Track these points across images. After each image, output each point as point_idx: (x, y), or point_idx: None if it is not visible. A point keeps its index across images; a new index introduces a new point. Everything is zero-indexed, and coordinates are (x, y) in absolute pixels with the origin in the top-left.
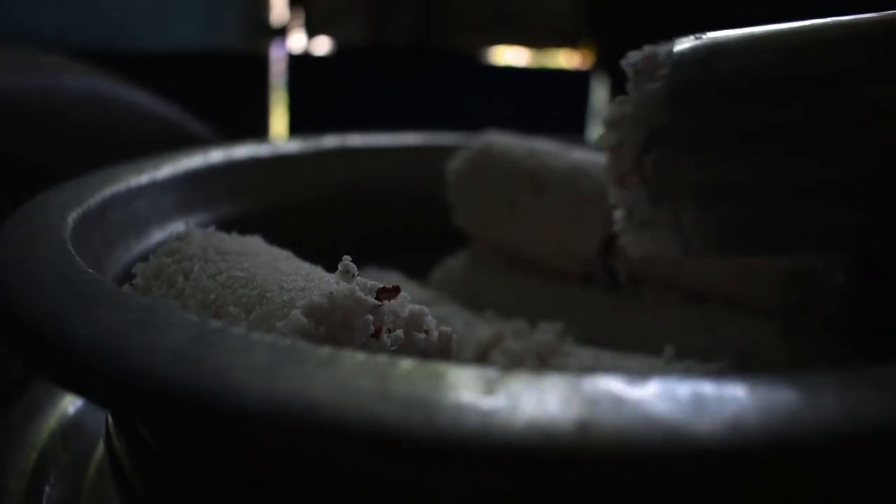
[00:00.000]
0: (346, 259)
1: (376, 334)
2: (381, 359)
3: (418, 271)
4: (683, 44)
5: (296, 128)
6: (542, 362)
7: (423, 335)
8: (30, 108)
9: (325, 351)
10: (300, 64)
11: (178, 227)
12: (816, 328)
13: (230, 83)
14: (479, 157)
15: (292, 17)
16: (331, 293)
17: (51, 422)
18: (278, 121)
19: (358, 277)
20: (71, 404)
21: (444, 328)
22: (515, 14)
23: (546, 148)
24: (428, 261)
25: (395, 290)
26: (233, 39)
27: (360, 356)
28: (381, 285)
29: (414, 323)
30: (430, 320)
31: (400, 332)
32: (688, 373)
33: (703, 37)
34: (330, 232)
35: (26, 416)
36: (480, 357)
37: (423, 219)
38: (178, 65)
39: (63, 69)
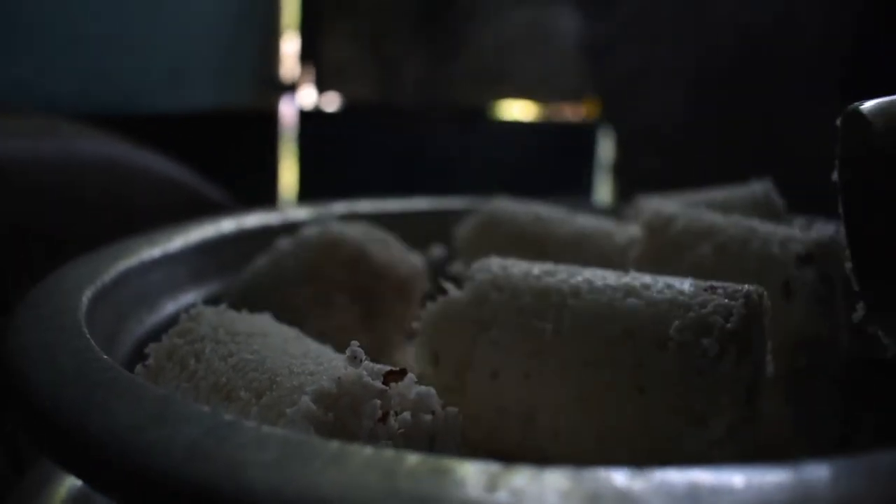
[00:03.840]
0: (354, 344)
1: (384, 418)
2: (388, 453)
3: None
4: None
5: (306, 181)
6: None
7: (429, 416)
8: (46, 179)
9: (334, 446)
10: (310, 119)
11: (189, 297)
12: (825, 390)
13: (242, 139)
14: (486, 222)
15: (303, 74)
16: (339, 378)
17: (61, 492)
18: (288, 174)
19: (365, 362)
20: None
21: (450, 408)
22: (520, 70)
23: (551, 214)
24: None
25: (402, 373)
26: (244, 96)
27: (368, 451)
28: (389, 368)
29: (421, 404)
30: (437, 401)
31: (407, 415)
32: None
33: None
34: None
35: (38, 486)
36: None
37: (435, 282)
38: (192, 124)
39: (80, 136)
